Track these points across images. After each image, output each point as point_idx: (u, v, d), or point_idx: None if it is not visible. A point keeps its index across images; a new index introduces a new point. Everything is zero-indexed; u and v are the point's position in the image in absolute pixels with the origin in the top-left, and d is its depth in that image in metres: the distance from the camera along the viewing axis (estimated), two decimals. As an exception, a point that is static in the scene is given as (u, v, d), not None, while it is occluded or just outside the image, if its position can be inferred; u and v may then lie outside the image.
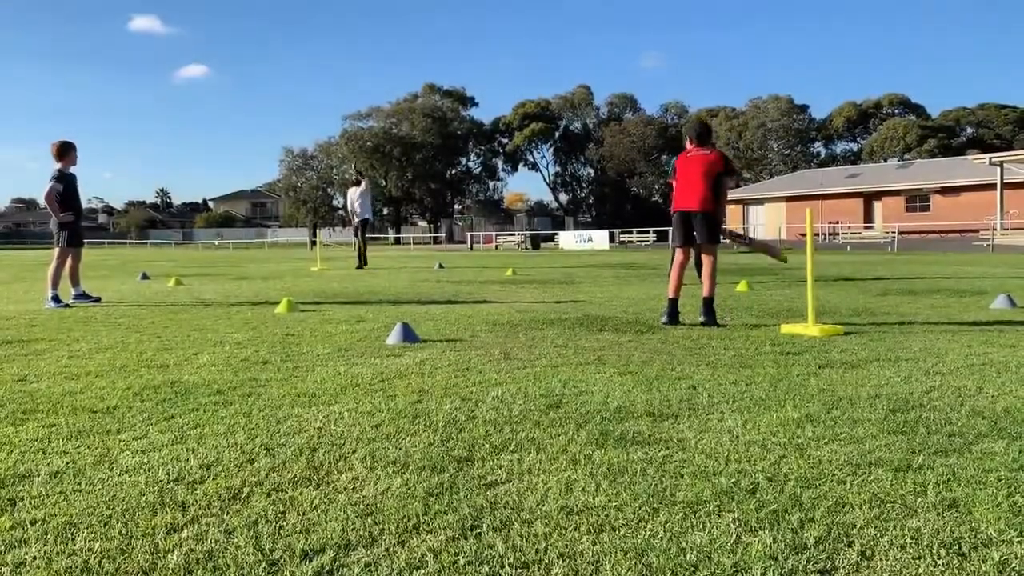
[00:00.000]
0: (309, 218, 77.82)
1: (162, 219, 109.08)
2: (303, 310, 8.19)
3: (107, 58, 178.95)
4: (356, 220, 18.18)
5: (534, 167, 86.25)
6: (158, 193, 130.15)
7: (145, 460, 2.91)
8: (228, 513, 2.38)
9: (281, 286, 12.31)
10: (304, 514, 2.36)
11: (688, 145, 7.00)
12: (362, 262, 18.14)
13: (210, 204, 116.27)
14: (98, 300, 9.38)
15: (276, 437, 3.22)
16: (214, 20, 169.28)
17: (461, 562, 2.03)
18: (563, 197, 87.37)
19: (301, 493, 2.54)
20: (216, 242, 73.87)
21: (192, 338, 6.15)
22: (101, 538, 2.20)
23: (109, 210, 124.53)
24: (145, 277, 14.78)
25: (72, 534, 2.23)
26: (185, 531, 2.24)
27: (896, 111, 71.10)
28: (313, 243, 47.04)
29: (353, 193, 18.41)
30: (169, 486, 2.62)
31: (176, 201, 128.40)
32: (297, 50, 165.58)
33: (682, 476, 2.67)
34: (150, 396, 4.01)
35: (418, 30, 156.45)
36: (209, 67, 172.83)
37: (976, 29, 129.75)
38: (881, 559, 2.02)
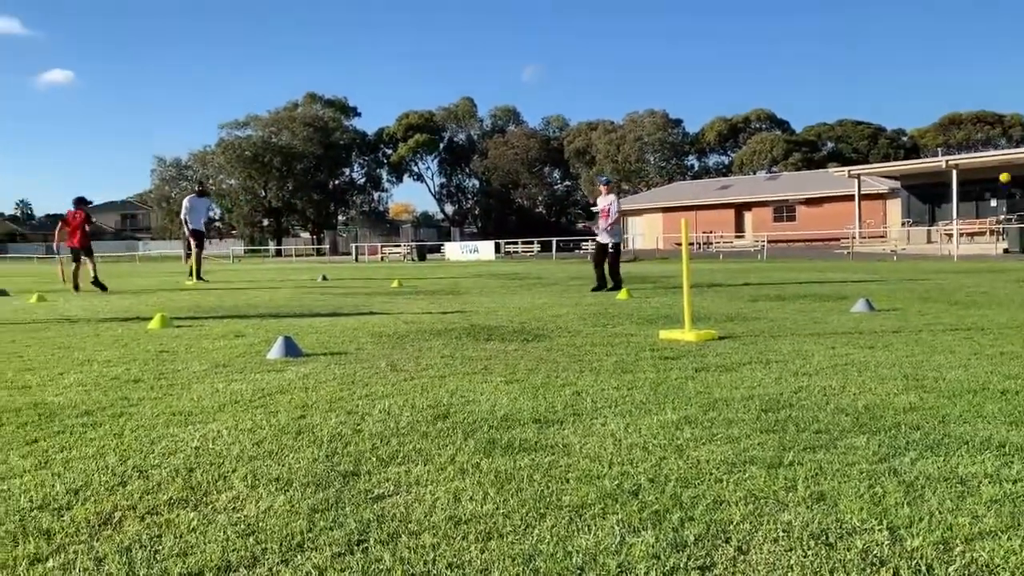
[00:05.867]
0: (183, 230, 74.99)
1: (22, 232, 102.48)
2: (178, 325, 7.87)
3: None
4: (188, 230, 17.84)
5: (419, 178, 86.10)
6: (18, 205, 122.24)
7: (4, 487, 2.72)
8: (98, 539, 2.25)
9: (154, 301, 11.78)
10: (181, 536, 2.27)
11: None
12: (195, 274, 17.81)
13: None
14: (-51, 319, 8.73)
15: (150, 458, 3.08)
16: (79, 23, 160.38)
17: (348, 577, 1.99)
18: (449, 208, 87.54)
19: (178, 515, 2.44)
20: (82, 256, 69.90)
21: (57, 357, 5.81)
22: (-46, 573, 2.04)
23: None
24: (4, 294, 13.84)
25: (-79, 571, 2.06)
26: (50, 561, 2.11)
27: (763, 126, 74.80)
28: (188, 255, 45.25)
29: (189, 203, 18.11)
30: (32, 514, 2.46)
31: (38, 213, 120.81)
32: (169, 56, 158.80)
33: (568, 480, 2.71)
34: (10, 419, 3.76)
35: (298, 37, 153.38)
36: (74, 72, 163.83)
37: (831, 50, 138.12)
38: (756, 553, 2.11)
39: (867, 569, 2.00)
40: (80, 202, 14.56)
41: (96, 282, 14.40)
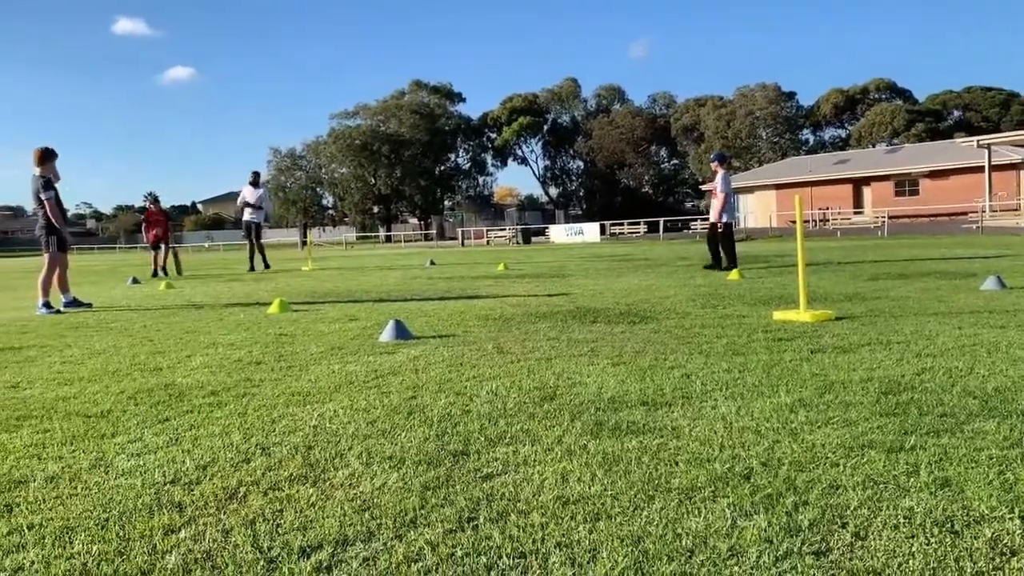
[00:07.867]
0: (299, 218, 77.85)
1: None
2: (295, 310, 8.18)
3: (92, 61, 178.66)
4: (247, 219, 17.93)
5: (523, 161, 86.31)
6: (146, 196, 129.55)
7: (140, 463, 2.91)
8: (225, 513, 2.38)
9: (273, 286, 12.29)
10: (301, 511, 2.37)
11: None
12: (251, 265, 17.92)
13: (199, 207, 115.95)
14: (89, 306, 9.35)
15: (271, 436, 3.22)
16: (200, 22, 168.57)
17: (459, 554, 2.04)
18: (553, 191, 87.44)
19: (298, 491, 2.55)
20: (206, 244, 73.67)
21: (184, 341, 6.14)
22: (99, 541, 2.20)
23: (97, 215, 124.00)
24: (135, 281, 14.73)
25: (69, 537, 2.23)
26: (183, 532, 2.25)
27: (883, 96, 71.22)
28: (304, 243, 46.98)
29: (246, 194, 18.05)
30: (165, 488, 2.62)
31: (165, 204, 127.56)
32: (283, 50, 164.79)
33: (677, 463, 2.68)
34: (144, 399, 4.00)
35: (403, 26, 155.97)
36: (195, 68, 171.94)
37: (961, 13, 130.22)
38: (875, 539, 2.03)
39: (996, 558, 1.90)
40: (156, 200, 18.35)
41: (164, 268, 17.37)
